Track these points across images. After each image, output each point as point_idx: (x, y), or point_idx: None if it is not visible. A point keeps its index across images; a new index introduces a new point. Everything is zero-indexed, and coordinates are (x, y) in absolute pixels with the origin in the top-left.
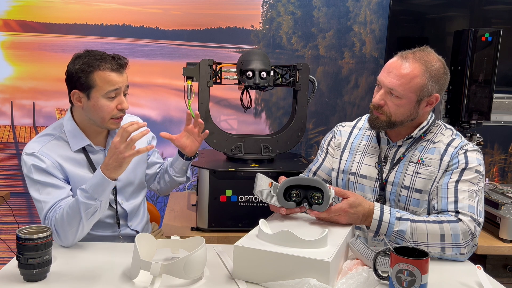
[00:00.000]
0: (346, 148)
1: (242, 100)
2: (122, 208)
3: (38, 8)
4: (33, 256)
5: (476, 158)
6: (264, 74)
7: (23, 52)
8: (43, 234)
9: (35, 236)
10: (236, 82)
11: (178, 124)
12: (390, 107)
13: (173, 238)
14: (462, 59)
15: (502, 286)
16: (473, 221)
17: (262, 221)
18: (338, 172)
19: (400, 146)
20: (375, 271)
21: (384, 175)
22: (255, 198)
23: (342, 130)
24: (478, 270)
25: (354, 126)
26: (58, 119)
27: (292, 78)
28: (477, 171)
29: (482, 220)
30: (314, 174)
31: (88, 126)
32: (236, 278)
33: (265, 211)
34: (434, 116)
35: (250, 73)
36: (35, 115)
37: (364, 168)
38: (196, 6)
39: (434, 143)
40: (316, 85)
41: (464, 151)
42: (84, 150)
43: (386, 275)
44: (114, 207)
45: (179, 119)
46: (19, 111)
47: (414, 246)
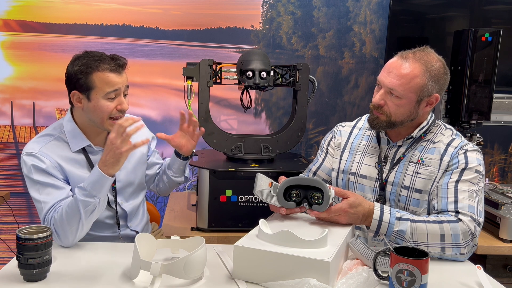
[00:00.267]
0: (346, 148)
1: (242, 100)
2: (122, 208)
3: (38, 8)
4: (33, 256)
5: (476, 158)
6: (264, 74)
7: (23, 52)
8: (43, 234)
9: (35, 236)
10: (236, 82)
11: (178, 124)
12: (390, 107)
13: (173, 238)
14: (462, 59)
15: (502, 286)
16: (473, 221)
17: (262, 221)
18: (338, 172)
19: (400, 146)
20: (375, 271)
21: (384, 175)
22: (255, 198)
23: (342, 130)
24: (478, 270)
25: (354, 126)
26: (58, 119)
27: (292, 78)
28: (477, 171)
29: (482, 220)
30: (314, 174)
31: (88, 127)
32: (236, 278)
33: (265, 211)
34: (434, 116)
35: (250, 73)
36: (35, 115)
37: (364, 168)
38: (196, 6)
39: (434, 143)
40: (316, 85)
41: (464, 151)
42: (84, 150)
43: (386, 275)
44: (114, 208)
45: (179, 119)
46: (19, 111)
47: (414, 246)
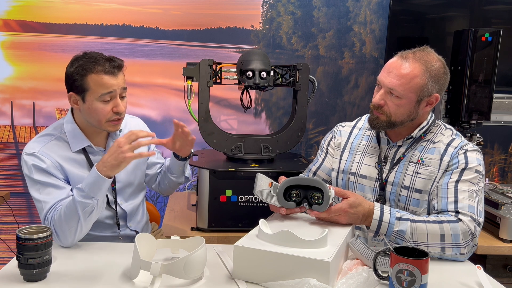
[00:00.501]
0: (346, 148)
1: (242, 100)
2: (122, 208)
3: (38, 8)
4: (33, 256)
5: (476, 158)
6: (264, 74)
7: (23, 52)
8: (43, 234)
9: (35, 236)
10: (236, 82)
11: None
12: (390, 107)
13: (173, 238)
14: (462, 59)
15: (502, 286)
16: (473, 221)
17: (262, 221)
18: (338, 172)
19: (400, 146)
20: (375, 271)
21: (384, 175)
22: (255, 198)
23: (342, 130)
24: (478, 270)
25: (354, 126)
26: (58, 119)
27: (292, 78)
28: (477, 171)
29: (482, 220)
30: (314, 174)
31: (88, 127)
32: (236, 278)
33: (265, 211)
34: (434, 116)
35: (250, 73)
36: (35, 115)
37: (364, 168)
38: (196, 6)
39: (434, 143)
40: (316, 85)
41: (464, 151)
42: (84, 150)
43: (386, 275)
44: (114, 208)
45: (179, 119)
46: (19, 111)
47: (414, 246)
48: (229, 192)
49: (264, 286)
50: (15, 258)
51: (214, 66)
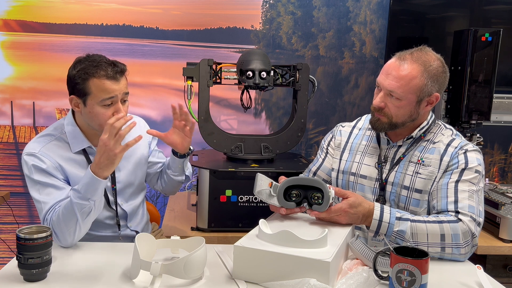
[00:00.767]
0: (346, 148)
1: (242, 100)
2: (122, 209)
3: (38, 8)
4: (33, 256)
5: (476, 158)
6: (264, 74)
7: (23, 52)
8: (43, 234)
9: (35, 236)
10: (236, 82)
11: None
12: (390, 109)
13: (173, 238)
14: (462, 59)
15: (502, 286)
16: (473, 221)
17: (262, 221)
18: (338, 172)
19: (400, 146)
20: (375, 271)
21: (384, 175)
22: (255, 198)
23: (342, 130)
24: (478, 270)
25: (354, 126)
26: (59, 119)
27: (292, 78)
28: (477, 171)
29: (482, 220)
30: (314, 174)
31: (89, 129)
32: (236, 278)
33: (265, 211)
34: (434, 116)
35: (250, 73)
36: (35, 115)
37: (364, 168)
38: (196, 6)
39: (434, 143)
40: (316, 85)
41: (464, 151)
42: (84, 151)
43: (386, 275)
44: (114, 209)
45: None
46: (19, 111)
47: (414, 246)
48: (229, 192)
49: (264, 286)
50: (15, 258)
51: (214, 66)
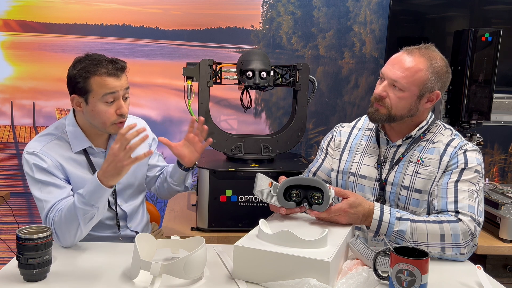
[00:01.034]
0: (346, 148)
1: (242, 100)
2: (122, 209)
3: (38, 8)
4: (33, 256)
5: (475, 158)
6: (264, 74)
7: (23, 52)
8: (43, 234)
9: (35, 236)
10: (236, 82)
11: (178, 124)
12: (391, 99)
13: (173, 238)
14: (462, 59)
15: (502, 286)
16: (473, 221)
17: (262, 221)
18: (338, 172)
19: (399, 146)
20: (375, 271)
21: (383, 175)
22: (255, 198)
23: (342, 130)
24: (478, 270)
25: (353, 127)
26: (60, 119)
27: (292, 78)
28: (476, 171)
29: (482, 220)
30: (314, 174)
31: (89, 129)
32: (236, 278)
33: (265, 211)
34: (433, 116)
35: (250, 73)
36: (35, 115)
37: (363, 168)
38: (196, 6)
39: (434, 143)
40: (316, 85)
41: (463, 151)
42: (84, 151)
43: (386, 275)
44: (114, 209)
45: (179, 119)
46: (19, 111)
47: (414, 246)
48: (229, 192)
49: (264, 286)
50: (15, 258)
51: (214, 66)
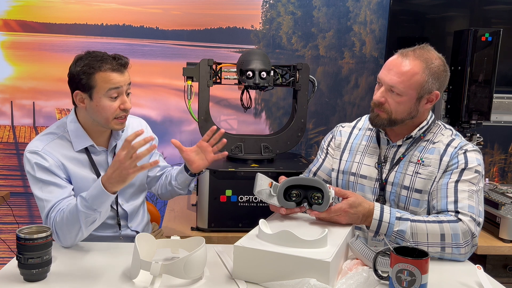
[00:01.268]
0: (346, 148)
1: (242, 100)
2: (123, 209)
3: (38, 8)
4: (33, 256)
5: (475, 158)
6: (264, 74)
7: (23, 52)
8: (43, 234)
9: (35, 236)
10: (236, 82)
11: (178, 124)
12: (390, 104)
13: (173, 238)
14: (462, 59)
15: (502, 286)
16: (473, 221)
17: (262, 221)
18: (338, 172)
19: (399, 146)
20: (375, 271)
21: (384, 175)
22: (255, 198)
23: (342, 130)
24: (478, 270)
25: (354, 127)
26: (61, 118)
27: (292, 78)
28: (476, 171)
29: (482, 220)
30: (314, 174)
31: (91, 127)
32: (236, 278)
33: (265, 211)
34: (433, 116)
35: (250, 73)
36: (35, 115)
37: (364, 168)
38: (196, 6)
39: (434, 143)
40: (316, 85)
41: (463, 151)
42: (86, 150)
43: (386, 275)
44: (115, 208)
45: (179, 119)
46: (19, 111)
47: (414, 246)
48: (229, 192)
49: (264, 286)
50: (15, 258)
51: (214, 66)
